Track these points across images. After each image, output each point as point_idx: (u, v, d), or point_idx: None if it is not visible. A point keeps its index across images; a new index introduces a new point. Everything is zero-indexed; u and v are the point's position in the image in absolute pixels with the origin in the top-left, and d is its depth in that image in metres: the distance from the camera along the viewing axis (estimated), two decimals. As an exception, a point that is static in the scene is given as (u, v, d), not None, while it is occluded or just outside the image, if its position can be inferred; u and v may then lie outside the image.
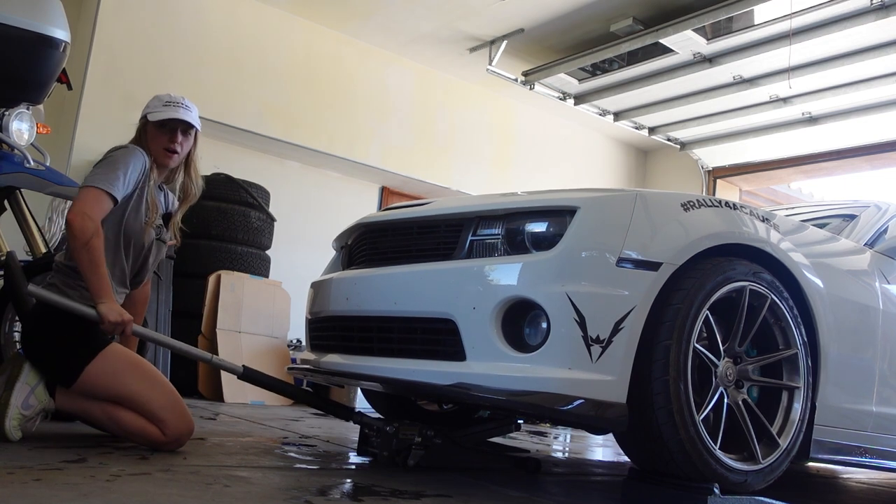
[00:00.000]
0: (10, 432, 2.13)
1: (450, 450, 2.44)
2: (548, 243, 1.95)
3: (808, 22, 5.20)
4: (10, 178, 3.08)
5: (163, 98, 2.50)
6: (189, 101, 2.52)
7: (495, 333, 1.90)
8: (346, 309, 2.35)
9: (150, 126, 2.45)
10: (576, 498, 2.23)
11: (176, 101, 2.48)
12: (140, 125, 2.50)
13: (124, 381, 2.25)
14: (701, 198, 2.13)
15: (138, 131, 2.49)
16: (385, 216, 2.48)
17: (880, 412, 2.47)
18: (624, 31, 5.80)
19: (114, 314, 2.20)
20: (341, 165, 6.72)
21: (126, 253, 2.41)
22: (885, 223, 2.94)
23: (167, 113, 2.44)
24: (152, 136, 2.45)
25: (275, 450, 2.61)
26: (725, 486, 1.95)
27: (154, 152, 2.45)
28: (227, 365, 2.47)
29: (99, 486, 1.64)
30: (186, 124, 2.47)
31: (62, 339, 2.25)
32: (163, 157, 2.46)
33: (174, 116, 2.43)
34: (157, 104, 2.48)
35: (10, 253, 2.83)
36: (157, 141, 2.45)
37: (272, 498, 1.70)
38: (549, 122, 7.97)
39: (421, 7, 5.92)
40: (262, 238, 5.48)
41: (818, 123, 6.69)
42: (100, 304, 2.20)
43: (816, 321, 2.25)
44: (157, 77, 5.54)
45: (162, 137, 2.45)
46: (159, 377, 2.36)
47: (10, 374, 2.19)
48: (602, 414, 1.82)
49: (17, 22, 2.90)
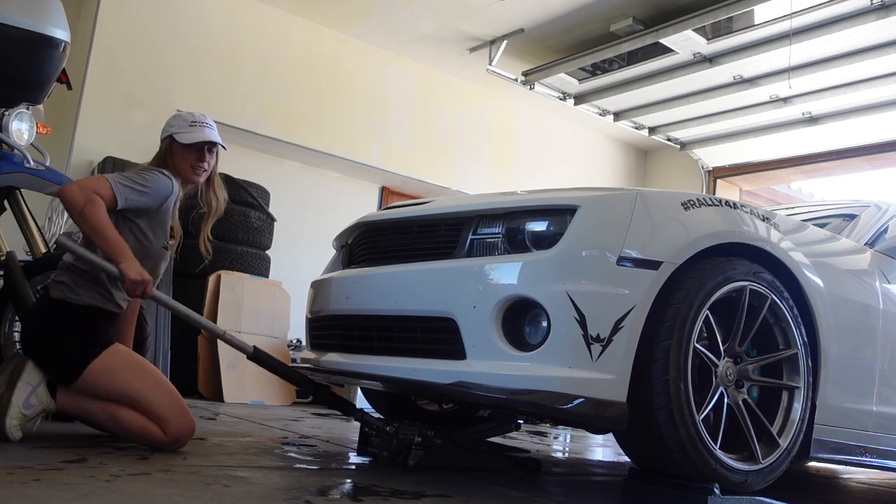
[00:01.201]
0: (10, 432, 2.13)
1: (450, 450, 2.43)
2: (548, 242, 1.95)
3: (808, 22, 5.20)
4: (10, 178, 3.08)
5: (186, 117, 2.53)
6: (209, 119, 2.58)
7: (496, 332, 1.90)
8: (346, 308, 2.35)
9: (176, 146, 2.50)
10: (576, 498, 2.22)
11: (200, 120, 2.53)
12: (165, 145, 2.52)
13: (126, 380, 2.25)
14: (701, 197, 2.13)
15: (163, 151, 2.52)
16: (385, 215, 2.48)
17: (880, 412, 2.47)
18: (624, 31, 5.80)
19: (134, 272, 2.22)
20: (341, 165, 6.72)
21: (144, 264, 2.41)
22: (886, 223, 2.94)
23: (196, 135, 2.49)
24: (179, 156, 2.50)
25: (275, 450, 2.61)
26: (725, 486, 1.94)
27: (182, 171, 2.51)
28: (237, 342, 2.49)
29: (99, 486, 1.64)
30: (213, 144, 2.53)
31: (65, 337, 2.26)
32: (191, 175, 2.52)
33: (204, 139, 2.50)
34: (181, 124, 2.51)
35: (10, 253, 2.83)
36: (185, 160, 2.50)
37: (272, 498, 1.70)
38: (549, 122, 7.97)
39: (421, 7, 5.92)
40: (262, 238, 5.48)
41: (818, 123, 6.69)
42: (120, 262, 2.23)
43: (817, 320, 2.25)
44: (157, 77, 5.55)
45: (190, 156, 2.50)
46: (160, 377, 2.36)
47: (12, 374, 2.20)
48: (602, 413, 1.82)
49: (17, 22, 2.90)
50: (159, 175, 2.41)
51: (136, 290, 2.24)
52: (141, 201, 2.34)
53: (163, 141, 2.54)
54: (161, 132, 2.56)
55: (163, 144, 2.53)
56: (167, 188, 2.41)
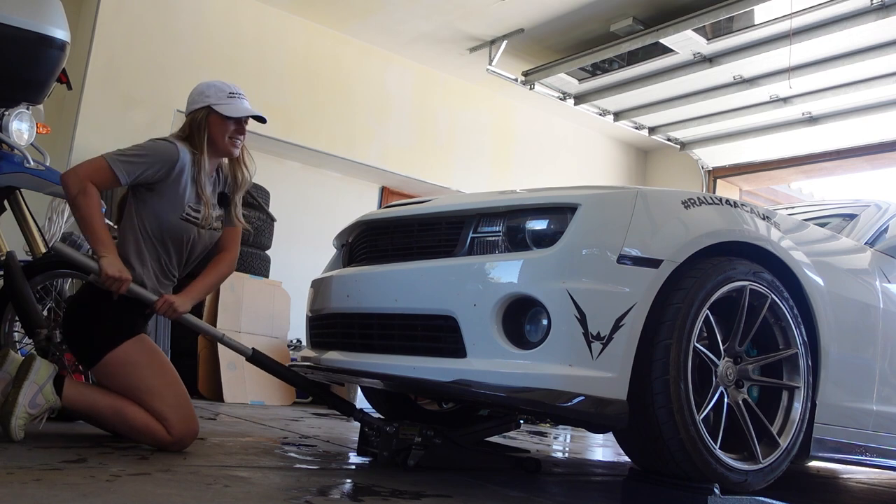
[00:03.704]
0: (14, 432, 2.13)
1: (450, 450, 2.43)
2: (549, 240, 1.94)
3: (808, 22, 5.20)
4: (10, 178, 3.07)
5: (223, 87, 2.48)
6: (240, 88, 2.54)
7: (496, 330, 1.90)
8: (346, 306, 2.35)
9: (214, 117, 2.45)
10: (576, 498, 2.22)
11: (237, 91, 2.50)
12: (201, 116, 2.45)
13: (142, 373, 2.28)
14: (701, 195, 2.13)
15: (197, 122, 2.45)
16: (386, 214, 2.48)
17: (881, 411, 2.47)
18: (624, 31, 5.80)
19: (113, 268, 2.22)
20: (341, 165, 6.72)
21: (164, 247, 2.42)
22: (886, 222, 2.94)
23: (238, 107, 2.46)
24: (216, 126, 2.45)
25: (275, 450, 2.61)
26: (725, 486, 1.94)
27: (218, 142, 2.47)
28: (236, 345, 2.49)
29: (99, 486, 1.64)
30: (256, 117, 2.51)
31: (95, 321, 2.30)
32: (229, 147, 2.49)
33: (248, 113, 2.48)
34: (219, 94, 2.46)
35: (10, 253, 2.83)
36: (223, 131, 2.46)
37: (272, 498, 1.70)
38: (549, 122, 7.97)
39: (421, 7, 5.92)
40: (262, 238, 5.48)
41: (818, 123, 6.69)
42: (101, 257, 2.24)
43: (817, 319, 2.25)
44: (156, 77, 5.54)
45: (228, 127, 2.46)
46: (175, 377, 2.38)
47: (19, 373, 2.20)
48: (602, 410, 1.82)
49: (17, 22, 2.90)
50: (155, 141, 2.39)
51: (113, 286, 2.24)
52: (147, 172, 2.32)
53: (196, 111, 2.46)
54: (189, 102, 2.50)
55: (196, 115, 2.45)
56: (169, 151, 2.36)
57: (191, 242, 2.47)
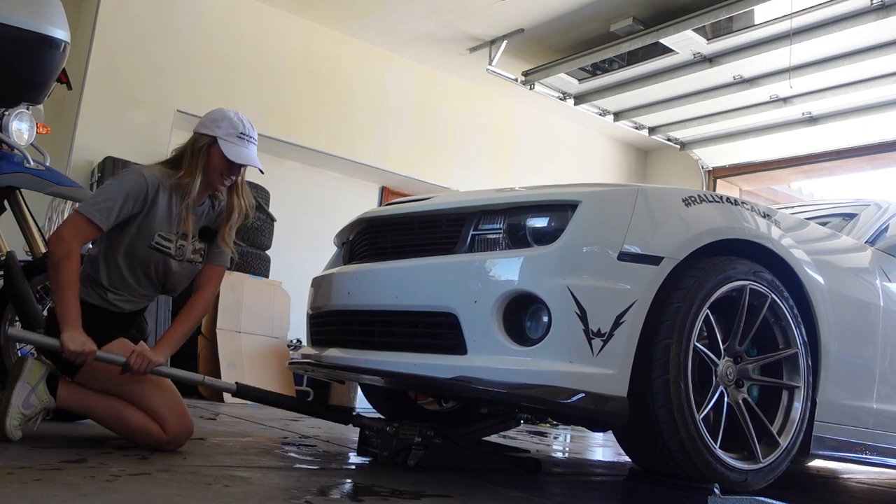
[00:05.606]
0: (10, 432, 2.12)
1: (450, 450, 2.43)
2: (549, 237, 1.94)
3: (808, 22, 5.20)
4: (10, 178, 3.07)
5: (236, 124, 2.38)
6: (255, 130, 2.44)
7: (496, 327, 1.89)
8: (347, 303, 2.35)
9: (216, 150, 2.36)
10: (576, 498, 2.22)
11: (249, 133, 2.40)
12: (204, 143, 2.36)
13: (126, 376, 2.25)
14: (702, 193, 2.13)
15: (197, 147, 2.37)
16: (387, 211, 2.48)
17: (881, 409, 2.47)
18: (624, 31, 5.80)
19: (75, 343, 2.13)
20: (341, 165, 6.72)
21: (133, 273, 2.37)
22: (886, 221, 2.94)
23: (242, 153, 2.37)
24: (214, 159, 2.36)
25: (275, 450, 2.60)
26: (725, 486, 1.94)
27: (210, 175, 2.38)
28: (219, 385, 2.47)
29: (99, 486, 1.64)
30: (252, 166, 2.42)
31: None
32: (218, 182, 2.40)
33: (248, 163, 2.39)
34: (230, 131, 2.37)
35: (9, 253, 2.83)
36: (218, 166, 2.37)
37: (272, 498, 1.70)
38: (549, 122, 7.97)
39: (421, 7, 5.92)
40: (262, 238, 5.48)
41: (818, 123, 6.69)
42: (63, 331, 2.15)
43: (817, 318, 2.25)
44: (156, 77, 5.55)
45: (223, 165, 2.37)
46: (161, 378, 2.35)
47: (11, 374, 2.20)
48: (602, 407, 1.82)
49: (17, 22, 2.90)
50: (122, 178, 2.32)
51: (77, 359, 2.16)
52: (123, 211, 2.26)
53: (200, 135, 2.38)
54: (201, 122, 2.41)
55: (200, 139, 2.38)
56: (137, 184, 2.29)
57: (161, 271, 2.39)
